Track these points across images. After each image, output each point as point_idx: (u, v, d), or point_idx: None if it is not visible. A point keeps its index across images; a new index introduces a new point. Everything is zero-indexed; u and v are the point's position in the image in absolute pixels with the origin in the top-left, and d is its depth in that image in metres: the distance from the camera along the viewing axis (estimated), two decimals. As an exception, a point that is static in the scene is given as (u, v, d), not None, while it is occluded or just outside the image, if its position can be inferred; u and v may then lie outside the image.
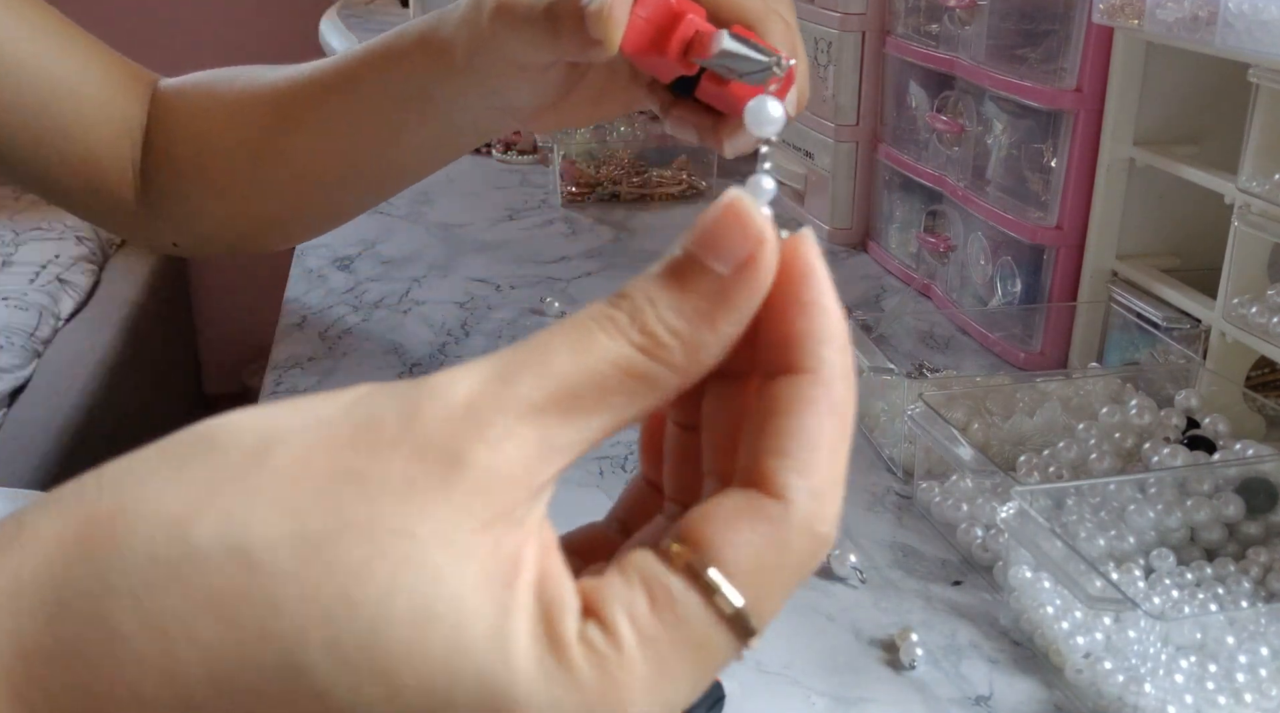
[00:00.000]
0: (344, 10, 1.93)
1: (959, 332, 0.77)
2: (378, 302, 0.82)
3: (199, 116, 0.66)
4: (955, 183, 0.78)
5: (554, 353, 0.23)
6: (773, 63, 0.41)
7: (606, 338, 0.23)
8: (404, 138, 0.61)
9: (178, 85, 0.68)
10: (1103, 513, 0.51)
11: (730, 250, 0.24)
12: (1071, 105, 0.66)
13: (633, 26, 0.45)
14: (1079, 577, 0.43)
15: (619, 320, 0.24)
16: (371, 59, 0.60)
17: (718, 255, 0.24)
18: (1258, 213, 0.56)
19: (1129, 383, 0.61)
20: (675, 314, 0.24)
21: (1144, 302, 0.64)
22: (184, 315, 2.58)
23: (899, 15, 0.85)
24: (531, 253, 0.93)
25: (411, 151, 0.62)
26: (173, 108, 0.67)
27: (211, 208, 0.67)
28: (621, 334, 0.24)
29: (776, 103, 0.29)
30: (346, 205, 0.69)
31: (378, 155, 0.62)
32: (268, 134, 0.63)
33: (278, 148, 0.63)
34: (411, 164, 0.64)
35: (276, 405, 0.24)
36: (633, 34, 0.45)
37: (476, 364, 0.23)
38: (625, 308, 0.24)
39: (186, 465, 0.22)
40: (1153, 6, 0.56)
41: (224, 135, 0.64)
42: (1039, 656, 0.47)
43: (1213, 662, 0.43)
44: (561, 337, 0.24)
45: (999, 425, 0.59)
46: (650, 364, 0.24)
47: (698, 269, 0.24)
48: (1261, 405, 0.58)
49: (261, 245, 0.73)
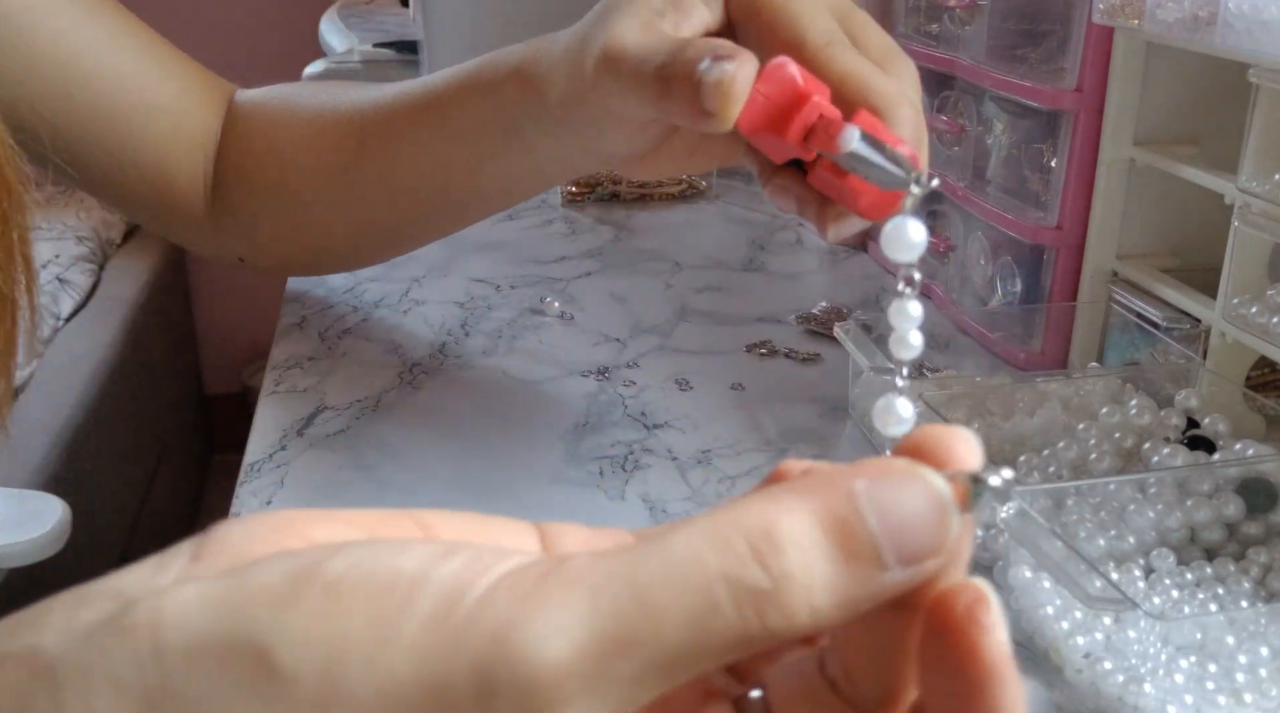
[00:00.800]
0: (344, 10, 1.93)
1: (959, 332, 0.77)
2: (378, 302, 0.82)
3: (278, 132, 0.64)
4: (955, 183, 0.78)
5: (668, 624, 0.19)
6: (910, 178, 0.33)
7: (735, 614, 0.19)
8: (489, 168, 0.58)
9: (257, 98, 0.67)
10: (1103, 513, 0.51)
11: (911, 548, 0.20)
12: (1071, 105, 0.66)
13: (752, 102, 0.40)
14: (1079, 577, 0.43)
15: (759, 592, 0.19)
16: (462, 87, 0.57)
17: (898, 550, 0.20)
18: (1258, 213, 0.56)
19: (1129, 383, 0.61)
20: (828, 596, 0.20)
21: (1144, 302, 0.64)
22: (184, 315, 2.58)
23: (899, 15, 0.85)
24: (531, 253, 0.93)
25: (496, 182, 0.60)
26: (250, 121, 0.65)
27: (285, 226, 0.66)
28: (755, 611, 0.19)
29: (919, 225, 0.26)
30: (424, 231, 0.67)
31: (460, 184, 0.60)
32: (349, 155, 0.61)
33: (359, 170, 0.62)
34: (495, 195, 0.62)
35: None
36: (751, 111, 0.40)
37: (573, 623, 0.19)
38: (775, 574, 0.19)
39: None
40: (1153, 6, 0.56)
41: (304, 152, 0.63)
42: (1039, 656, 0.47)
43: (1213, 662, 0.43)
44: (677, 603, 0.19)
45: (999, 425, 0.59)
46: (771, 640, 0.19)
47: (869, 555, 0.20)
48: (1261, 405, 0.58)
49: (332, 266, 0.72)
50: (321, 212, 0.65)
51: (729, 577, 0.19)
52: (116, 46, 0.62)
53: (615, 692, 0.19)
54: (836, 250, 0.94)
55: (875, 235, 0.92)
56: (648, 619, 0.19)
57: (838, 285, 0.87)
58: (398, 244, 0.69)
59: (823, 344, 0.76)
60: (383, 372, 0.71)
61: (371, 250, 0.69)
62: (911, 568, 0.20)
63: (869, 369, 0.61)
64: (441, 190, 0.61)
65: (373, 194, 0.62)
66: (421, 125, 0.59)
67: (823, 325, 0.77)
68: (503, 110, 0.55)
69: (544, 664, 0.18)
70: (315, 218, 0.65)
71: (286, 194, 0.64)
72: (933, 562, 0.20)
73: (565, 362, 0.73)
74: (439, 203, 0.62)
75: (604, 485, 0.59)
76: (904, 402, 0.26)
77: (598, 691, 0.19)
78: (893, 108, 0.41)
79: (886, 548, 0.20)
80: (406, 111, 0.60)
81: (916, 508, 0.20)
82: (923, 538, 0.20)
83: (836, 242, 0.43)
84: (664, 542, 0.20)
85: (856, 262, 0.92)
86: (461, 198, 0.62)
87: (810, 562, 0.19)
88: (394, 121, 0.60)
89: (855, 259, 0.92)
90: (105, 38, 0.61)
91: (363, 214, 0.64)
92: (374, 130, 0.61)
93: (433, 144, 0.59)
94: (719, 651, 0.19)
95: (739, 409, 0.67)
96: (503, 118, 0.55)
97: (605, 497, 0.58)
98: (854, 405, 0.66)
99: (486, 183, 0.60)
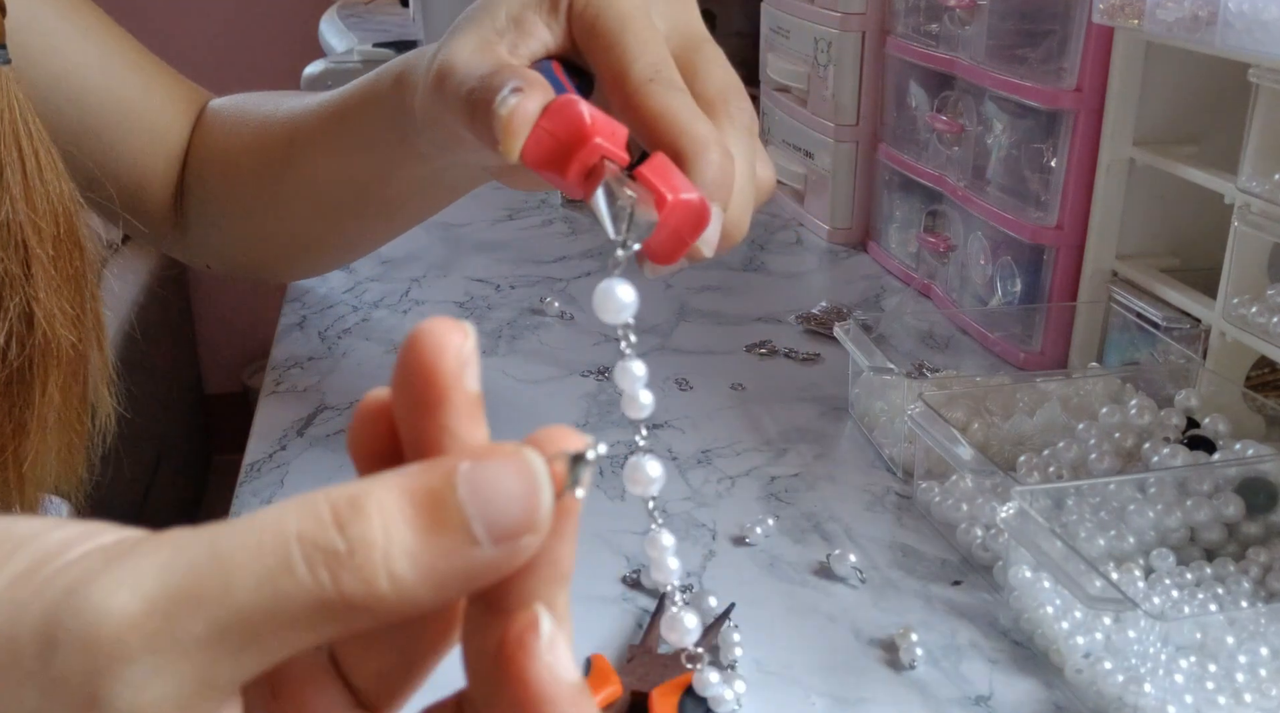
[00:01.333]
0: (344, 10, 1.93)
1: (959, 332, 0.77)
2: (377, 302, 0.82)
3: (229, 140, 0.65)
4: (955, 183, 0.78)
5: (238, 581, 0.19)
6: (618, 241, 0.33)
7: (309, 576, 0.19)
8: (398, 176, 0.58)
9: (218, 107, 0.68)
10: (1103, 513, 0.51)
11: (501, 523, 0.20)
12: (1071, 105, 0.66)
13: (537, 138, 0.39)
14: (1079, 577, 0.43)
15: (334, 553, 0.19)
16: (364, 94, 0.57)
17: (487, 522, 0.20)
18: (1258, 213, 0.56)
19: (1129, 383, 0.61)
20: (409, 564, 0.20)
21: (1144, 302, 0.64)
22: (184, 315, 2.58)
23: (899, 15, 0.85)
24: (531, 253, 0.93)
25: (405, 191, 0.60)
26: (209, 130, 0.67)
27: (235, 230, 0.66)
28: (330, 574, 0.19)
29: (628, 287, 0.27)
30: (357, 237, 0.67)
31: (374, 192, 0.60)
32: (280, 163, 0.62)
33: (287, 177, 0.62)
34: (408, 203, 0.62)
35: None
36: (535, 146, 0.39)
37: (144, 577, 0.19)
38: (351, 536, 0.19)
39: None
40: (1153, 6, 0.56)
41: (246, 160, 0.64)
42: (1039, 656, 0.47)
43: (1212, 662, 0.43)
44: (251, 562, 0.19)
45: (999, 425, 0.59)
46: (352, 611, 0.19)
47: (457, 526, 0.20)
48: (1261, 405, 0.58)
49: (278, 274, 0.72)
50: (259, 220, 0.65)
51: (304, 537, 0.19)
52: (104, 63, 0.63)
53: (185, 657, 0.19)
54: (836, 250, 0.94)
55: (875, 236, 0.92)
56: (218, 575, 0.19)
57: (838, 285, 0.87)
58: (328, 254, 0.70)
59: (823, 344, 0.76)
60: (383, 372, 0.71)
61: (315, 256, 0.69)
62: (504, 545, 0.20)
63: (869, 369, 0.61)
64: (359, 199, 0.61)
65: (298, 202, 0.63)
66: (334, 133, 0.59)
67: (823, 325, 0.77)
68: (392, 118, 0.54)
69: (106, 614, 0.18)
70: (254, 226, 0.66)
71: (232, 202, 0.65)
72: (527, 539, 0.20)
73: (565, 362, 0.73)
74: (358, 211, 0.62)
75: (604, 485, 0.59)
76: (652, 462, 0.27)
77: (163, 651, 0.19)
78: (698, 154, 0.40)
79: (476, 520, 0.20)
80: (325, 119, 0.60)
81: (509, 483, 0.20)
82: (514, 512, 0.20)
83: (654, 277, 0.41)
84: (258, 512, 0.20)
85: (856, 262, 0.92)
86: (379, 204, 0.61)
87: (392, 528, 0.19)
88: (316, 129, 0.61)
89: (855, 259, 0.92)
90: (95, 55, 0.62)
91: (291, 224, 0.64)
92: (300, 137, 0.61)
93: (345, 152, 0.59)
94: (296, 617, 0.19)
95: (739, 409, 0.67)
96: (395, 126, 0.54)
97: (605, 497, 0.58)
98: (854, 405, 0.66)
99: (395, 193, 0.60)
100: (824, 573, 0.52)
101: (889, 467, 0.61)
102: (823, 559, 0.53)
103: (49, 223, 0.46)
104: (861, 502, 0.58)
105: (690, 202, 0.36)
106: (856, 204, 0.93)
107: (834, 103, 0.91)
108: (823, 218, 0.95)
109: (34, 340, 0.46)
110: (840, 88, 0.90)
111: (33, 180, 0.46)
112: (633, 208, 0.34)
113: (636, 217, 0.34)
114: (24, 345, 0.45)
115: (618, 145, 0.38)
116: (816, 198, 0.96)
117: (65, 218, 0.47)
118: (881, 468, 0.61)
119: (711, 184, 0.39)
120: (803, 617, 0.49)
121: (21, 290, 0.45)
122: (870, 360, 0.61)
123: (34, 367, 0.46)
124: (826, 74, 0.91)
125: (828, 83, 0.91)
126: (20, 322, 0.45)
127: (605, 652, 0.46)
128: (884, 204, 0.90)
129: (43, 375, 0.46)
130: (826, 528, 0.56)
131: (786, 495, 0.58)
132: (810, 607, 0.50)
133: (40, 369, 0.46)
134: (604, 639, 0.48)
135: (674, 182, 0.37)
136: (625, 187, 0.36)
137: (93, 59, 0.62)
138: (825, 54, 0.91)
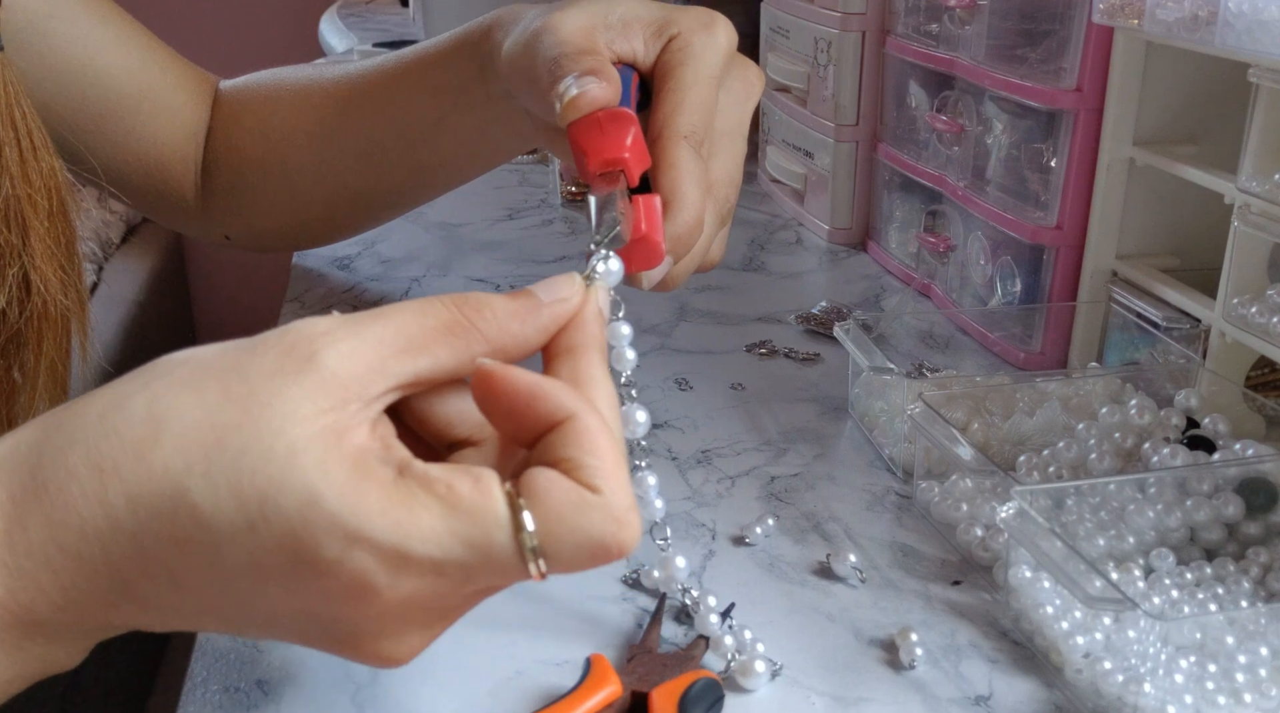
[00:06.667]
0: (344, 10, 1.93)
1: (959, 332, 0.77)
2: (378, 302, 0.82)
3: (267, 108, 0.70)
4: (955, 183, 0.78)
5: (402, 310, 0.33)
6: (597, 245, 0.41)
7: (443, 307, 0.34)
8: (449, 123, 0.63)
9: (243, 83, 0.73)
10: (1103, 513, 0.51)
11: (553, 290, 0.37)
12: (1071, 105, 0.66)
13: (588, 120, 0.46)
14: (1079, 577, 0.43)
15: (457, 298, 0.35)
16: (447, 43, 0.62)
17: (545, 290, 0.37)
18: (1258, 213, 0.56)
19: (1129, 383, 0.61)
20: (502, 302, 0.36)
21: (1144, 302, 0.64)
22: (184, 315, 2.58)
23: (899, 15, 0.85)
24: (531, 252, 0.93)
25: (451, 144, 0.64)
26: (239, 102, 0.71)
27: (271, 200, 0.71)
28: (456, 307, 0.34)
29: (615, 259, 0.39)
30: (397, 195, 0.71)
31: (422, 146, 0.65)
32: (333, 122, 0.67)
33: (340, 134, 0.67)
34: (450, 161, 0.66)
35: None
36: (583, 125, 0.46)
37: (343, 316, 0.32)
38: (469, 296, 0.35)
39: (137, 375, 0.33)
40: (1153, 6, 0.56)
41: (291, 123, 0.68)
42: (1039, 656, 0.47)
43: (1212, 662, 0.43)
44: (413, 304, 0.34)
45: (999, 425, 0.59)
46: (469, 328, 0.34)
47: (526, 293, 0.36)
48: (1261, 405, 0.58)
49: (311, 240, 0.78)
50: (304, 181, 0.69)
51: (444, 297, 0.36)
52: (123, 49, 0.67)
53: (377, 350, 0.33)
54: (836, 250, 0.94)
55: (875, 236, 0.92)
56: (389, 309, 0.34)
57: (837, 285, 0.87)
58: (370, 214, 0.74)
59: (822, 344, 0.76)
60: (382, 371, 0.71)
61: (347, 221, 0.74)
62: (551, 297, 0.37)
63: (869, 369, 0.61)
64: (407, 152, 0.66)
65: (350, 158, 0.67)
66: (402, 85, 0.64)
67: (822, 325, 0.77)
68: (476, 59, 0.59)
69: (320, 323, 0.33)
70: (298, 188, 0.70)
71: (273, 166, 0.69)
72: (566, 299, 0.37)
73: (565, 361, 0.73)
74: (405, 164, 0.66)
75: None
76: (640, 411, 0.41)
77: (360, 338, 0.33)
78: (679, 212, 0.46)
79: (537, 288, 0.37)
80: (392, 74, 0.65)
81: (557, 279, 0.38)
82: (559, 282, 0.38)
83: (650, 287, 0.49)
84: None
85: (856, 262, 0.92)
86: (424, 159, 0.66)
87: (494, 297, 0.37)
88: (378, 85, 0.65)
89: (855, 259, 0.92)
90: (114, 41, 0.67)
91: (340, 181, 0.68)
92: (358, 95, 0.66)
93: (407, 104, 0.64)
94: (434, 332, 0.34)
95: (739, 409, 0.67)
96: (475, 65, 0.59)
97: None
98: (854, 405, 0.66)
99: (442, 146, 0.65)
100: (824, 573, 0.52)
101: (889, 467, 0.61)
102: (822, 559, 0.53)
103: (43, 197, 0.51)
104: (861, 502, 0.58)
105: (654, 242, 0.45)
106: (856, 204, 0.93)
107: (834, 103, 0.91)
108: (823, 218, 0.95)
109: (31, 304, 0.51)
110: (840, 88, 0.90)
111: (27, 157, 0.51)
112: (616, 224, 0.42)
113: (619, 231, 0.42)
114: (23, 309, 0.51)
115: (638, 169, 0.46)
116: (816, 198, 0.96)
117: (56, 192, 0.53)
118: (881, 468, 0.61)
119: (674, 239, 0.46)
120: (803, 617, 0.49)
121: (20, 259, 0.50)
122: (870, 360, 0.61)
123: (29, 328, 0.51)
124: (826, 74, 0.91)
125: (828, 83, 0.91)
126: (19, 287, 0.51)
127: (605, 652, 0.46)
128: (884, 204, 0.90)
129: (37, 336, 0.52)
130: (826, 528, 0.56)
131: (786, 495, 0.58)
132: (810, 607, 0.50)
133: (35, 330, 0.52)
134: (604, 639, 0.48)
135: (654, 221, 0.45)
136: (621, 201, 0.44)
137: (112, 46, 0.66)
138: (825, 54, 0.91)
